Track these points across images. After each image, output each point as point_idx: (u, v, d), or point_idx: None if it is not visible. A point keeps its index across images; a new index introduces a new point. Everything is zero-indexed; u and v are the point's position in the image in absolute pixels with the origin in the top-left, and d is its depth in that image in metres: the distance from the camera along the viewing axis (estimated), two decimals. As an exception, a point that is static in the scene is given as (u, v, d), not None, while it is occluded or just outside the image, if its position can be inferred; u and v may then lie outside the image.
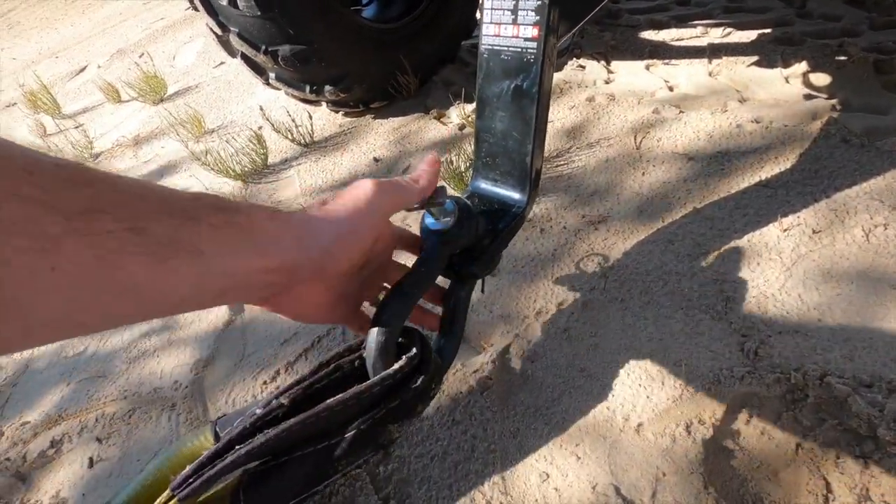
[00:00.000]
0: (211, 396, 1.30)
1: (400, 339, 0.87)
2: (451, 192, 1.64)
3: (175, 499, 0.77)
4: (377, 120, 2.22)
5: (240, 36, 1.87)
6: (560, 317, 1.19)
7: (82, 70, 4.59)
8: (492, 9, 0.90)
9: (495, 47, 0.92)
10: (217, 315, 1.53)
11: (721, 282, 1.13)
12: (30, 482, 1.24)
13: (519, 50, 0.89)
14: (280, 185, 2.02)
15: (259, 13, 1.74)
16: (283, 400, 0.83)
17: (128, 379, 1.42)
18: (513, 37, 0.89)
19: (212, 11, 1.86)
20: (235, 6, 1.75)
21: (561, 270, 1.30)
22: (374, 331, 0.82)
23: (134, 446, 1.24)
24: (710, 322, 1.06)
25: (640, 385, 1.00)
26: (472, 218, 0.90)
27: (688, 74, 1.87)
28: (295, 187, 1.97)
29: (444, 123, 2.06)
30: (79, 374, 1.49)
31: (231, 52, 2.04)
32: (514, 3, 0.87)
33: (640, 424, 0.95)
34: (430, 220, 0.89)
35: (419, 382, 0.86)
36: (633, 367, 1.04)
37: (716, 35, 2.03)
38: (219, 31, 1.91)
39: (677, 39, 2.09)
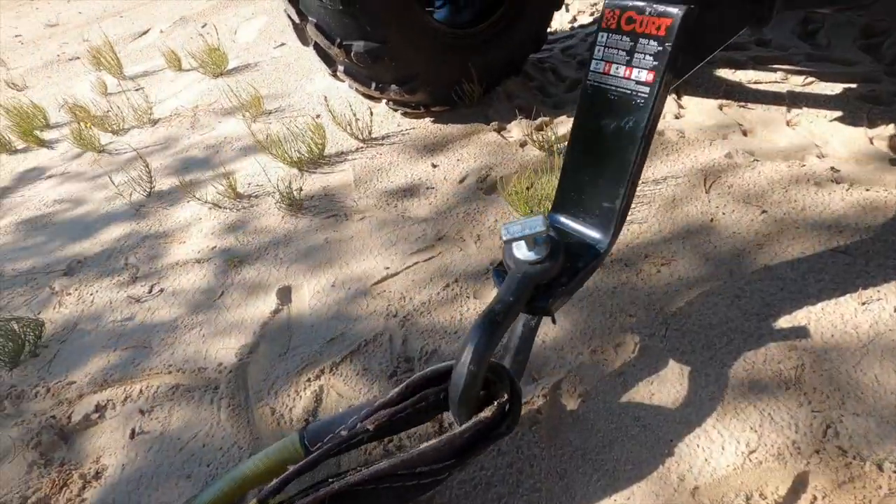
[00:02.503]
0: (254, 384, 1.31)
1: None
2: (513, 213, 1.62)
3: None
4: (437, 124, 2.21)
5: (317, 27, 1.87)
6: (616, 358, 1.17)
7: (145, 33, 4.69)
8: (605, 45, 0.88)
9: (602, 85, 0.90)
10: (265, 302, 1.54)
11: (791, 349, 1.09)
12: (72, 443, 1.27)
13: (628, 92, 0.86)
14: (334, 179, 2.02)
15: (340, 7, 1.74)
16: (369, 426, 0.85)
17: (173, 354, 1.44)
18: (624, 77, 0.87)
19: (293, 0, 1.87)
20: (319, -3, 1.75)
21: (620, 310, 1.27)
22: (462, 368, 0.82)
23: (175, 423, 1.25)
24: (778, 390, 1.03)
25: (698, 445, 0.98)
26: (561, 252, 0.89)
27: (764, 121, 1.81)
28: (349, 182, 1.98)
29: (504, 137, 2.05)
30: (125, 342, 1.51)
31: (304, 40, 2.05)
32: (631, 44, 0.85)
33: (696, 488, 0.92)
34: (521, 251, 0.88)
35: (504, 428, 0.85)
36: (691, 424, 1.01)
37: (796, 83, 1.97)
38: (296, 20, 1.92)
39: (754, 82, 2.03)
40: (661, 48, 0.81)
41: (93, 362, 1.47)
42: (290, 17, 1.96)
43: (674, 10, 0.79)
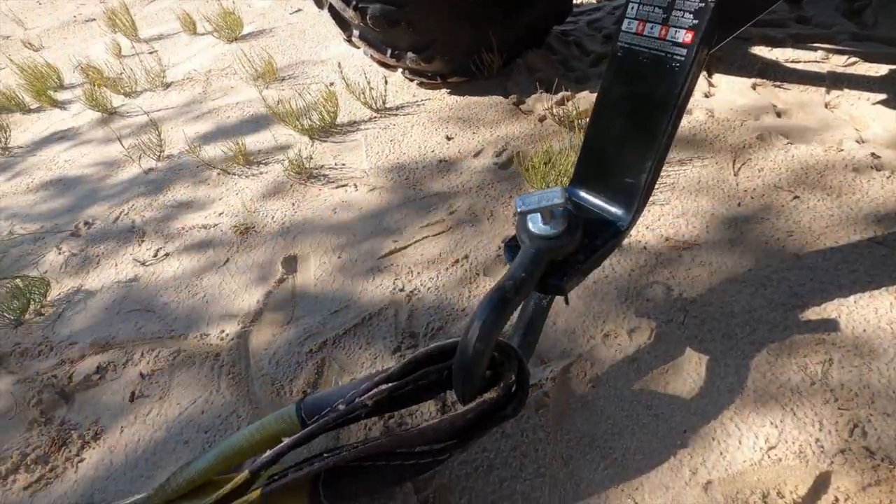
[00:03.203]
0: (255, 353, 1.28)
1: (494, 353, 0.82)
2: (530, 189, 1.56)
3: (256, 482, 0.76)
4: (453, 96, 2.13)
5: (332, -13, 1.80)
6: (630, 344, 1.12)
7: (161, -5, 4.61)
8: (640, 3, 0.81)
9: (634, 46, 0.83)
10: (270, 271, 1.51)
11: (819, 343, 1.03)
12: (72, 403, 1.26)
13: (663, 54, 0.79)
14: (346, 148, 1.97)
15: (357, -34, 1.66)
16: (367, 401, 0.81)
17: (176, 319, 1.42)
18: (659, 38, 0.79)
19: (309, -43, 1.78)
20: (335, -45, 1.67)
21: (636, 294, 1.21)
22: (467, 345, 0.77)
23: (175, 389, 1.24)
24: (803, 384, 0.97)
25: (713, 438, 0.93)
26: (579, 228, 0.83)
27: (801, 102, 1.71)
28: (361, 152, 1.92)
29: (522, 111, 1.96)
30: (129, 305, 1.50)
31: (320, 3, 1.97)
32: (670, 0, 0.77)
33: (709, 482, 0.87)
34: (536, 224, 0.82)
35: (510, 410, 0.81)
36: (707, 416, 0.96)
37: (838, 63, 1.85)
38: (311, -21, 1.84)
39: (792, 61, 1.91)
40: (703, 5, 0.73)
41: (96, 324, 1.46)
42: (304, -24, 1.88)
43: (721, -39, 0.71)
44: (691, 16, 0.75)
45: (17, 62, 3.09)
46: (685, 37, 0.76)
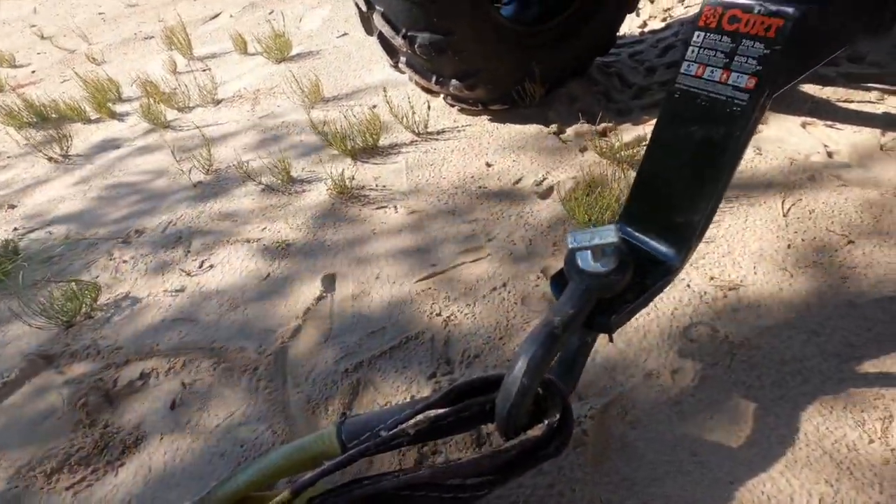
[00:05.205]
0: (292, 370, 1.30)
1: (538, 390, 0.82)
2: (570, 220, 1.55)
3: (294, 502, 0.77)
4: (493, 123, 2.16)
5: (383, 16, 1.86)
6: (672, 386, 1.09)
7: (216, 16, 4.86)
8: (701, 46, 0.81)
9: (692, 89, 0.83)
10: (309, 288, 1.53)
11: (878, 398, 0.98)
12: (116, 407, 1.30)
13: (723, 98, 0.79)
14: (387, 170, 2.01)
15: (409, -3, 1.72)
16: (409, 430, 0.81)
17: (217, 330, 1.46)
18: (719, 82, 0.79)
19: (363, -13, 1.86)
20: (388, -13, 1.74)
21: (679, 334, 1.18)
22: (514, 380, 0.77)
23: (214, 400, 1.26)
24: (860, 442, 0.92)
25: (763, 492, 0.89)
26: (629, 267, 0.82)
27: (854, 143, 1.66)
28: (402, 175, 1.95)
29: (563, 141, 1.97)
30: (174, 314, 1.55)
31: (369, 30, 2.04)
32: (732, 45, 0.77)
33: (758, 539, 0.83)
34: (586, 261, 0.82)
35: (553, 449, 0.80)
36: (756, 468, 0.92)
37: (894, 104, 1.80)
38: (363, 8, 1.92)
39: (845, 100, 1.87)
40: (767, 52, 0.73)
41: (141, 330, 1.51)
42: (357, 5, 1.95)
43: (789, 9, 0.70)
44: (755, 62, 0.74)
45: (80, 75, 3.29)
46: (748, 82, 0.75)
